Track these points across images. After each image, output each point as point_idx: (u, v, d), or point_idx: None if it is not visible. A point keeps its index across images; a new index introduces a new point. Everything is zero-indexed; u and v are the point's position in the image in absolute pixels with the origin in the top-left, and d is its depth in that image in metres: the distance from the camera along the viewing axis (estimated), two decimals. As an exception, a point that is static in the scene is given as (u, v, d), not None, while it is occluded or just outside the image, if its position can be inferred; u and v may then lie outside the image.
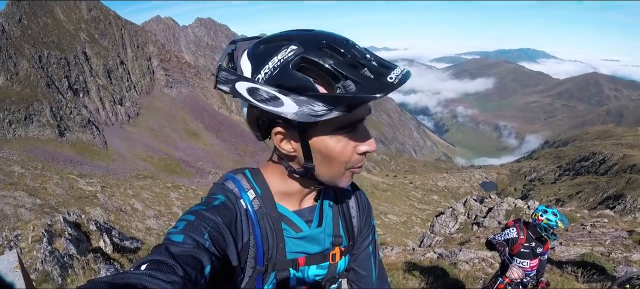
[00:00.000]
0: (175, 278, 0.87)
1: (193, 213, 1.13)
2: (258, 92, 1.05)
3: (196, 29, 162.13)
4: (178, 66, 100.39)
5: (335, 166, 1.17)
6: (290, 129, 1.13)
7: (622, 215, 23.82)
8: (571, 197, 57.88)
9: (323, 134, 1.12)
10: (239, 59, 1.13)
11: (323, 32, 1.10)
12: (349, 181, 1.23)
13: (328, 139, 1.12)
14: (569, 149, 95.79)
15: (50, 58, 63.00)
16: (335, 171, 1.18)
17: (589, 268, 9.22)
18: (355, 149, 1.16)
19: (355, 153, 1.16)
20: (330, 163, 1.16)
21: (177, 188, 41.09)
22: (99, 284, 0.76)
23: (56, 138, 55.04)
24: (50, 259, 7.18)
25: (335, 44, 1.05)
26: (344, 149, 1.14)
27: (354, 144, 1.15)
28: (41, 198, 23.46)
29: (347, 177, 1.21)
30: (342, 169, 1.17)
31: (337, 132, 1.11)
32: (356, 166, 1.19)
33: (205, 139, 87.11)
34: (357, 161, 1.18)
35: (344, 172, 1.19)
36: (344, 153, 1.14)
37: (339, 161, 1.15)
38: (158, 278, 0.85)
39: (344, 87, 1.01)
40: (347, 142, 1.13)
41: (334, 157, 1.14)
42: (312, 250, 1.35)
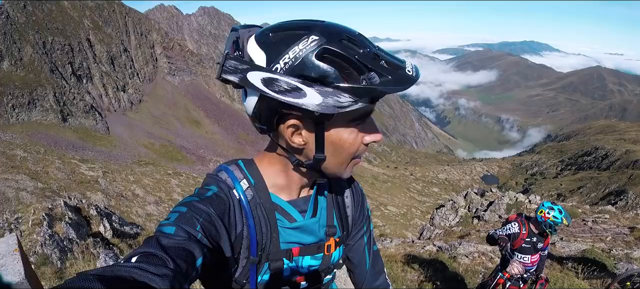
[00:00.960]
0: (165, 270, 0.86)
1: (185, 205, 1.13)
2: (277, 82, 1.01)
3: (199, 17, 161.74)
4: (181, 54, 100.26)
5: (344, 157, 1.17)
6: (306, 121, 1.11)
7: (624, 211, 23.73)
8: (573, 192, 57.72)
9: (339, 126, 1.12)
10: (245, 47, 1.10)
11: (339, 25, 1.09)
12: (351, 171, 1.24)
13: (343, 131, 1.13)
14: (571, 144, 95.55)
15: (54, 44, 62.93)
16: (343, 161, 1.19)
17: (589, 264, 9.18)
18: (363, 140, 1.17)
19: (362, 144, 1.17)
20: (340, 154, 1.16)
21: (178, 175, 41.14)
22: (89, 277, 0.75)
23: (59, 123, 55.11)
24: (50, 243, 7.19)
25: (353, 37, 1.05)
26: (355, 140, 1.15)
27: (362, 135, 1.16)
28: (43, 182, 23.50)
29: (350, 167, 1.22)
30: (348, 159, 1.19)
31: (352, 124, 1.13)
32: (360, 155, 1.21)
33: (207, 127, 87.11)
34: (362, 151, 1.19)
35: (348, 162, 1.20)
36: (354, 144, 1.15)
37: (348, 152, 1.16)
38: (148, 271, 0.84)
39: (369, 79, 1.02)
40: (358, 133, 1.15)
41: (346, 148, 1.15)
42: (306, 240, 1.35)
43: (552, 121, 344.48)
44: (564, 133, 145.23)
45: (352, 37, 1.05)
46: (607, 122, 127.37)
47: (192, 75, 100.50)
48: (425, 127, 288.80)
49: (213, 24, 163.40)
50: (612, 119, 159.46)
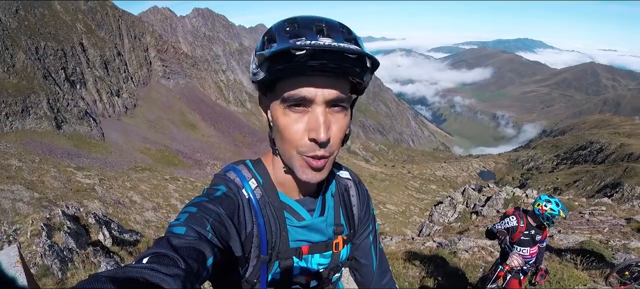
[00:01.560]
0: (177, 270, 0.86)
1: (195, 205, 1.14)
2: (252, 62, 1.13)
3: (194, 19, 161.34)
4: (175, 57, 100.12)
5: (286, 144, 1.14)
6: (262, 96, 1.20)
7: (620, 203, 23.82)
8: (569, 186, 58.00)
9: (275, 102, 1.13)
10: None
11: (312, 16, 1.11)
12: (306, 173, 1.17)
13: (277, 109, 1.13)
14: (566, 138, 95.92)
15: (47, 49, 62.48)
16: (287, 150, 1.16)
17: (588, 255, 9.25)
18: (306, 133, 1.11)
19: (305, 137, 1.11)
20: (282, 139, 1.15)
21: (175, 180, 41.01)
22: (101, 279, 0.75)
23: (53, 130, 54.78)
24: (50, 253, 7.16)
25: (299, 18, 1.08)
26: (290, 125, 1.11)
27: (302, 125, 1.11)
28: (39, 192, 23.38)
29: (301, 165, 1.16)
30: (293, 151, 1.14)
31: (284, 105, 1.10)
32: (307, 153, 1.13)
33: (203, 130, 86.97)
34: (307, 148, 1.12)
35: (295, 156, 1.15)
36: (290, 130, 1.11)
37: (288, 139, 1.13)
38: (160, 272, 0.83)
39: (269, 48, 1.04)
40: (296, 120, 1.11)
41: (281, 130, 1.13)
42: (315, 239, 1.36)
43: (547, 117, 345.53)
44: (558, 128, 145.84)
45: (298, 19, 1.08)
46: (601, 116, 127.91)
47: (187, 78, 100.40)
48: (422, 125, 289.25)
49: (207, 25, 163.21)
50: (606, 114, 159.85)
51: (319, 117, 1.09)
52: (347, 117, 1.17)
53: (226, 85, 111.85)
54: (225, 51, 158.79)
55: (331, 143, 1.13)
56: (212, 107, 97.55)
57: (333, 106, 1.11)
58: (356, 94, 1.21)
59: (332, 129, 1.12)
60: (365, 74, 1.09)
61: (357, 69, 1.05)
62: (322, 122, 1.08)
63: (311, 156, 1.13)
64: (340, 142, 1.17)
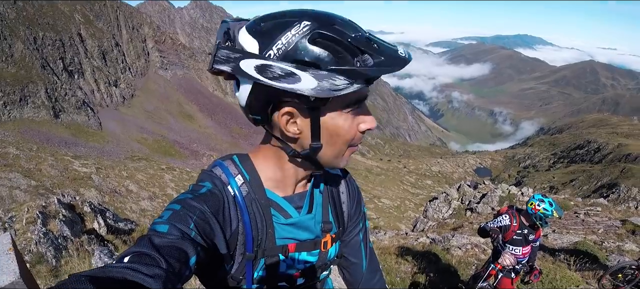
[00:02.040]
0: (157, 271, 0.86)
1: (179, 202, 1.11)
2: (270, 69, 1.01)
3: (191, 10, 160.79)
4: (173, 48, 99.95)
5: (340, 144, 1.16)
6: (301, 108, 1.10)
7: (616, 204, 23.88)
8: (565, 185, 58.16)
9: (334, 111, 1.11)
10: (237, 37, 1.08)
11: (328, 11, 1.10)
12: (348, 161, 1.23)
13: (338, 116, 1.11)
14: (564, 137, 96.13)
15: (46, 39, 62.54)
16: (339, 149, 1.17)
17: (581, 256, 9.27)
18: (358, 127, 1.15)
19: (358, 131, 1.16)
20: (336, 142, 1.15)
21: (172, 170, 41.03)
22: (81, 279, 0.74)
23: (51, 120, 54.90)
24: (45, 241, 7.17)
25: (344, 21, 1.06)
26: (351, 127, 1.13)
27: (357, 121, 1.15)
28: (36, 180, 23.41)
29: (347, 156, 1.21)
30: (344, 147, 1.17)
31: (346, 110, 1.11)
32: (357, 143, 1.19)
33: (200, 121, 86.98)
34: (358, 139, 1.18)
35: (345, 150, 1.18)
36: (350, 131, 1.14)
37: (344, 139, 1.15)
38: (140, 272, 0.83)
39: (363, 61, 1.02)
40: (353, 119, 1.13)
41: (342, 135, 1.14)
42: (302, 237, 1.34)
43: (545, 115, 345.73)
44: (556, 126, 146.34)
45: (344, 22, 1.05)
46: (599, 116, 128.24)
47: (185, 69, 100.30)
48: (419, 120, 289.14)
49: (205, 17, 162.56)
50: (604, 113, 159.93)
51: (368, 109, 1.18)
52: None
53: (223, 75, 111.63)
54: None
55: None
56: (209, 98, 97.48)
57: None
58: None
59: None
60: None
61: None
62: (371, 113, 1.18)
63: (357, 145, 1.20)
64: None
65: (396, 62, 1.03)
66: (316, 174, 1.38)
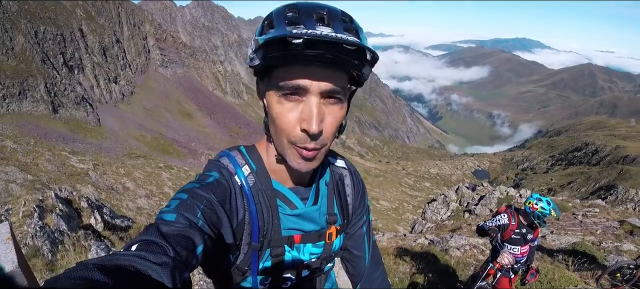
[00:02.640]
0: (165, 258, 0.85)
1: (186, 191, 1.12)
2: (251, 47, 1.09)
3: (193, 9, 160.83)
4: (174, 46, 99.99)
5: (279, 132, 1.12)
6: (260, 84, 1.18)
7: (614, 205, 23.92)
8: (563, 187, 58.28)
9: (270, 89, 1.11)
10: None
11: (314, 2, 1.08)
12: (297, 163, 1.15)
13: (271, 96, 1.11)
14: (562, 139, 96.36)
15: (47, 34, 62.34)
16: (279, 138, 1.14)
17: (580, 257, 9.26)
18: (299, 123, 1.09)
19: (297, 127, 1.09)
20: (275, 127, 1.13)
21: (170, 168, 40.95)
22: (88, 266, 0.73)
23: (50, 114, 54.72)
24: (41, 235, 7.13)
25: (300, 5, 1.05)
26: (282, 114, 1.09)
27: (296, 115, 1.08)
28: (33, 174, 23.32)
29: (293, 154, 1.14)
30: (284, 139, 1.12)
31: (279, 93, 1.07)
32: (299, 143, 1.11)
33: (199, 120, 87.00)
34: (299, 138, 1.10)
35: (287, 145, 1.13)
36: (283, 119, 1.09)
37: (280, 127, 1.11)
38: (148, 260, 0.83)
39: (265, 33, 1.04)
40: (289, 109, 1.08)
41: (275, 118, 1.11)
42: (307, 228, 1.34)
43: (543, 117, 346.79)
44: (554, 129, 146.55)
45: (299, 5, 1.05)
46: (597, 118, 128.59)
47: (185, 67, 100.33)
48: (417, 122, 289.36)
49: (206, 16, 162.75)
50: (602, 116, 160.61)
51: (312, 108, 1.06)
52: (343, 110, 1.14)
53: (224, 76, 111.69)
54: (224, 42, 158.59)
55: (324, 135, 1.11)
56: (208, 97, 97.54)
57: (328, 97, 1.08)
58: (355, 85, 1.18)
59: (325, 120, 1.10)
60: (364, 67, 1.06)
61: (355, 61, 1.03)
62: (315, 113, 1.06)
63: (302, 147, 1.11)
64: (334, 134, 1.15)
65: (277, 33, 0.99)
66: (322, 167, 1.40)
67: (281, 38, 0.96)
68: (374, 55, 1.05)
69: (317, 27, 1.00)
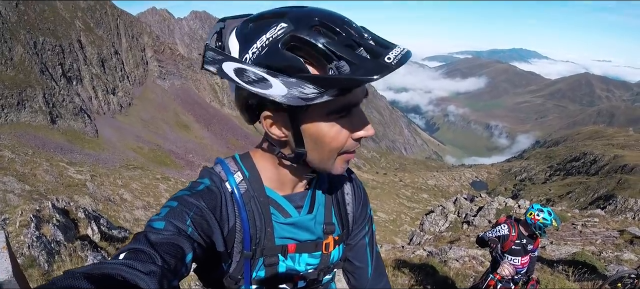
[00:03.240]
0: (153, 267, 0.84)
1: (176, 199, 1.11)
2: (245, 73, 0.98)
3: (191, 21, 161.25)
4: (172, 58, 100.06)
5: (327, 152, 1.10)
6: (280, 113, 1.07)
7: (613, 215, 23.95)
8: (562, 197, 58.35)
9: (315, 119, 1.05)
10: (227, 38, 1.07)
11: (317, 9, 1.02)
12: (343, 168, 1.16)
13: (321, 124, 1.06)
14: (560, 149, 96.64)
15: (45, 44, 62.44)
16: (327, 156, 1.11)
17: (580, 267, 9.23)
18: (351, 135, 1.09)
19: (350, 139, 1.09)
20: (322, 149, 1.10)
21: (167, 180, 40.96)
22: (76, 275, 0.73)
23: (48, 125, 54.77)
24: (38, 245, 7.10)
25: (329, 22, 0.98)
26: (338, 135, 1.07)
27: (348, 128, 1.08)
28: (30, 184, 23.31)
29: (340, 163, 1.14)
30: (334, 154, 1.11)
31: (331, 117, 1.04)
32: (350, 150, 1.12)
33: (196, 131, 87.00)
34: (351, 146, 1.11)
35: (336, 157, 1.12)
36: (338, 139, 1.07)
37: (331, 147, 1.09)
38: (136, 268, 0.82)
39: (337, 68, 0.93)
40: (342, 126, 1.06)
41: (327, 142, 1.08)
42: (302, 237, 1.31)
43: (541, 128, 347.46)
44: (552, 139, 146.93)
45: (328, 22, 0.98)
46: (595, 128, 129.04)
47: (182, 79, 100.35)
48: (415, 133, 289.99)
49: (204, 28, 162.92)
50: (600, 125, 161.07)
51: (364, 115, 1.10)
52: None
53: (221, 88, 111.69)
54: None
55: None
56: (206, 109, 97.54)
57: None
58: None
59: None
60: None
61: None
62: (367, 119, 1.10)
63: (352, 152, 1.13)
64: None
65: (375, 70, 0.92)
66: (320, 174, 1.35)
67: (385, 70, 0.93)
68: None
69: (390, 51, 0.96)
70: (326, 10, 1.03)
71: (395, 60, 0.93)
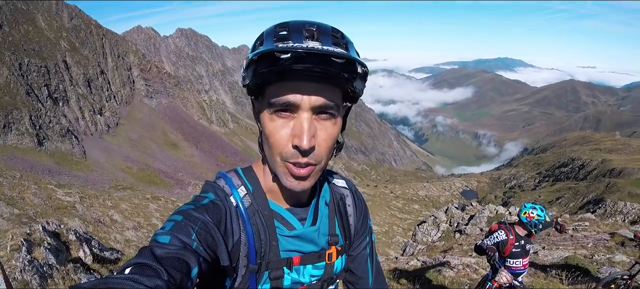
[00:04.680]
0: (159, 282, 0.85)
1: (181, 213, 1.11)
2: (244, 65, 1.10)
3: (177, 39, 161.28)
4: (158, 76, 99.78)
5: (272, 150, 1.13)
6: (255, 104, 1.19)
7: (603, 218, 24.09)
8: (551, 202, 58.51)
9: (263, 109, 1.12)
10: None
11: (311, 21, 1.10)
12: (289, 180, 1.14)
13: (264, 115, 1.12)
14: (548, 156, 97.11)
15: (31, 66, 62.15)
16: (272, 156, 1.14)
17: (573, 271, 9.30)
18: (290, 139, 1.09)
19: (289, 143, 1.09)
20: (269, 145, 1.13)
21: (157, 199, 40.67)
22: None
23: (35, 147, 54.40)
24: (30, 269, 7.04)
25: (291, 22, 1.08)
26: (275, 131, 1.10)
27: (287, 131, 1.09)
28: (19, 208, 23.08)
29: (284, 171, 1.14)
30: (277, 157, 1.13)
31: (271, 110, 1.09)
32: (290, 160, 1.11)
33: (185, 150, 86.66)
34: (290, 154, 1.10)
35: (279, 163, 1.13)
36: (275, 136, 1.10)
37: (272, 145, 1.12)
38: (141, 283, 0.82)
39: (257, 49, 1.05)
40: (281, 126, 1.09)
41: (268, 136, 1.12)
42: (306, 249, 1.32)
43: (528, 135, 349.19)
44: (540, 146, 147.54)
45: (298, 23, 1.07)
46: (582, 133, 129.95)
47: (170, 97, 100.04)
48: (404, 145, 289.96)
49: (190, 45, 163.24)
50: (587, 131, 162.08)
51: (303, 123, 1.06)
52: (337, 126, 1.14)
53: (209, 105, 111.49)
54: (208, 71, 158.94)
55: (317, 152, 1.10)
56: (194, 127, 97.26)
57: (320, 113, 1.08)
58: (350, 102, 1.18)
59: (318, 136, 1.09)
60: (355, 81, 1.07)
61: (345, 75, 1.03)
62: (305, 128, 1.06)
63: (293, 163, 1.11)
64: (329, 151, 1.15)
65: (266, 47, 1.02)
66: (322, 186, 1.38)
67: (269, 53, 0.98)
68: (364, 69, 1.06)
69: (304, 42, 1.01)
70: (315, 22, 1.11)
71: (289, 48, 0.98)
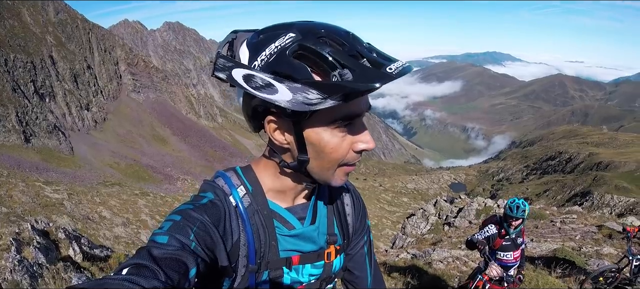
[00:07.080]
0: (156, 283, 0.85)
1: (179, 213, 1.10)
2: (253, 79, 1.01)
3: (164, 33, 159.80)
4: (146, 71, 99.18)
5: (327, 161, 1.12)
6: (284, 119, 1.09)
7: (590, 211, 24.31)
8: (539, 195, 58.97)
9: (318, 126, 1.07)
10: (237, 47, 1.10)
11: (323, 22, 1.06)
12: (342, 180, 1.18)
13: (323, 132, 1.08)
14: (535, 149, 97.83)
15: (16, 62, 61.47)
16: (328, 166, 1.13)
17: (561, 263, 9.39)
18: (352, 146, 1.11)
19: (351, 150, 1.11)
20: (324, 158, 1.11)
21: (145, 195, 40.50)
22: None
23: (22, 144, 53.95)
24: (20, 269, 6.98)
25: (334, 34, 1.02)
26: (338, 144, 1.09)
27: (350, 139, 1.10)
28: (7, 206, 22.81)
29: (340, 175, 1.16)
30: (335, 165, 1.13)
31: (333, 125, 1.07)
32: (350, 163, 1.14)
33: (173, 144, 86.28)
34: (352, 159, 1.13)
35: (336, 168, 1.14)
36: (339, 149, 1.10)
37: (332, 157, 1.11)
38: (138, 284, 0.82)
39: (341, 76, 0.97)
40: (343, 137, 1.09)
41: (328, 152, 1.10)
42: (305, 248, 1.32)
43: (516, 128, 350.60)
44: (527, 139, 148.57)
45: (334, 34, 1.02)
46: (569, 127, 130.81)
47: (157, 92, 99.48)
48: (393, 138, 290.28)
49: (178, 39, 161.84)
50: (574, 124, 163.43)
51: (365, 128, 1.13)
52: None
53: (197, 99, 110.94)
54: (196, 65, 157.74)
55: None
56: (182, 121, 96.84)
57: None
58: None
59: None
60: None
61: None
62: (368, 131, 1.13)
63: (352, 164, 1.15)
64: None
65: (377, 78, 0.96)
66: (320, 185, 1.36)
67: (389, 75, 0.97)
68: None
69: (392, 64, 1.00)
70: (332, 24, 1.06)
71: (396, 71, 0.97)
